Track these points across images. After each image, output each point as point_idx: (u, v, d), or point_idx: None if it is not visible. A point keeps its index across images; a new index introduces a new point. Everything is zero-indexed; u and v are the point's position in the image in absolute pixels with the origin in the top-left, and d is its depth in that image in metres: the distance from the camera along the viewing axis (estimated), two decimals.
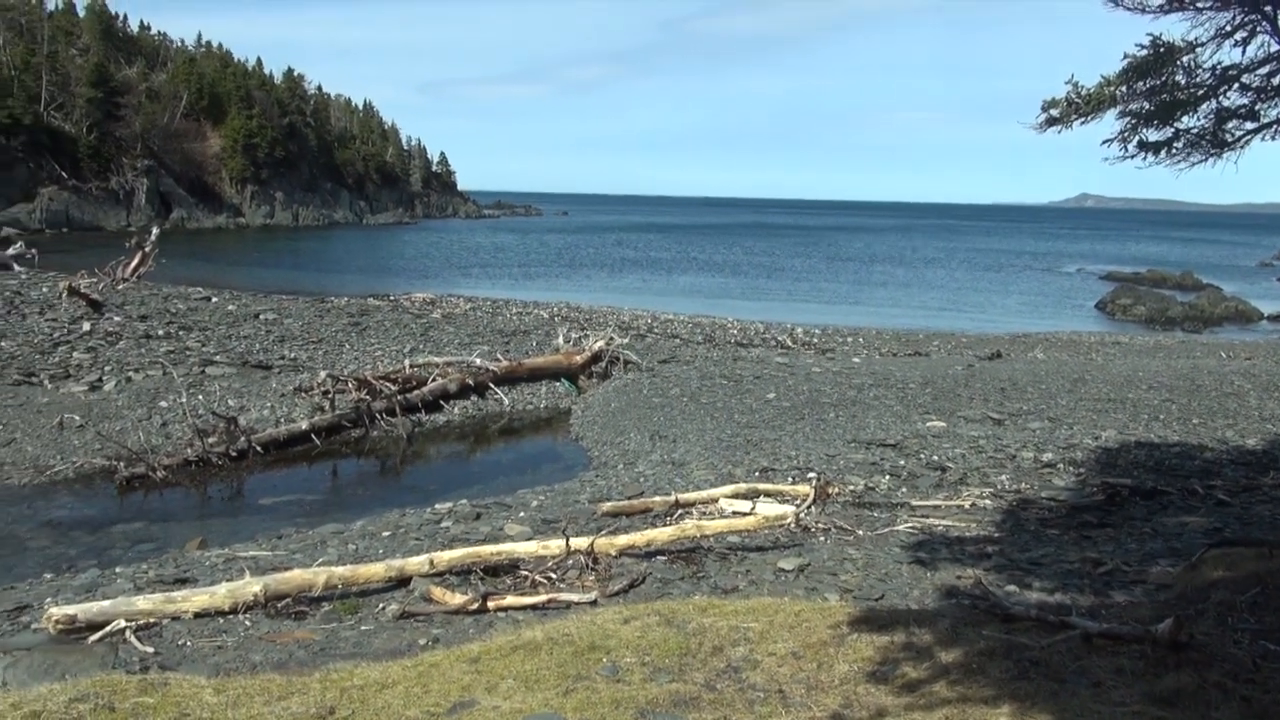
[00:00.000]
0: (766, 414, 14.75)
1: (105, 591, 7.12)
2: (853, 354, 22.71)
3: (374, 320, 21.61)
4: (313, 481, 12.51)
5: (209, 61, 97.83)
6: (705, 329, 27.29)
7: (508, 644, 4.53)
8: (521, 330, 22.08)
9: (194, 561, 8.17)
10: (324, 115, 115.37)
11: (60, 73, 77.12)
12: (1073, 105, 6.55)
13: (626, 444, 13.70)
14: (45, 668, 5.22)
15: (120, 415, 13.30)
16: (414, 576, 7.05)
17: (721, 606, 5.23)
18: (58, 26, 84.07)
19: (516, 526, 8.99)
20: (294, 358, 17.21)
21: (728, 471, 11.12)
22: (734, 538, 8.21)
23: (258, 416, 13.91)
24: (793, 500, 9.36)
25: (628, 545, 7.76)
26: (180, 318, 19.22)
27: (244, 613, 6.35)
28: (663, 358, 19.78)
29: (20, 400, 13.38)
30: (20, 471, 11.57)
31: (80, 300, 19.07)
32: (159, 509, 11.01)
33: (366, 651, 5.52)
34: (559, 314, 28.75)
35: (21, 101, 71.07)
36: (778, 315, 33.34)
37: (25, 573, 8.61)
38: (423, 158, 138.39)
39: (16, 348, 15.77)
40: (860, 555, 7.75)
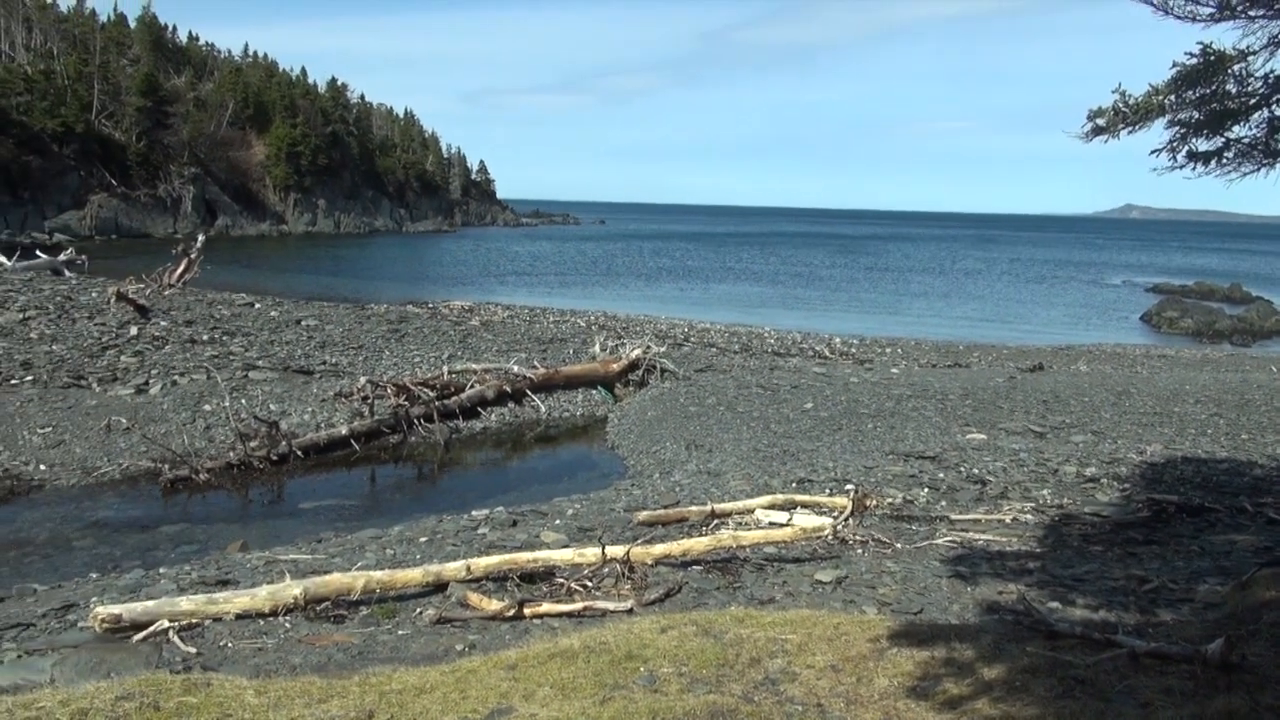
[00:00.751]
0: (804, 424, 14.66)
1: (149, 592, 7.24)
2: (891, 364, 22.51)
3: (413, 327, 21.80)
4: (352, 486, 12.64)
5: (255, 71, 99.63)
6: (742, 338, 27.20)
7: (544, 651, 4.53)
8: (559, 338, 22.15)
9: (235, 563, 8.28)
10: (366, 124, 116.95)
11: (111, 82, 78.93)
12: (1120, 114, 6.44)
13: (662, 453, 13.68)
14: (92, 666, 5.32)
15: (165, 418, 13.53)
16: (451, 582, 7.08)
17: (759, 618, 5.19)
18: (110, 37, 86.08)
19: (552, 534, 9.01)
20: (334, 363, 17.41)
21: (764, 482, 11.06)
22: (771, 549, 8.17)
23: (299, 421, 14.08)
24: (830, 512, 9.28)
25: (664, 554, 7.75)
26: (224, 323, 19.53)
27: (284, 615, 6.42)
28: (699, 366, 19.75)
29: (70, 403, 13.67)
30: (69, 473, 11.81)
31: (128, 305, 19.45)
32: (202, 511, 11.18)
33: (404, 656, 5.55)
34: (596, 322, 28.82)
35: (74, 110, 72.85)
36: (815, 325, 33.16)
37: (72, 572, 8.79)
38: (462, 166, 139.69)
39: (66, 351, 16.12)
40: (898, 568, 7.66)
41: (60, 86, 73.89)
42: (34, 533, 10.03)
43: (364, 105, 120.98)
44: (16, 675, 5.23)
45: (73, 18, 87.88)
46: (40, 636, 6.21)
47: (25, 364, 15.10)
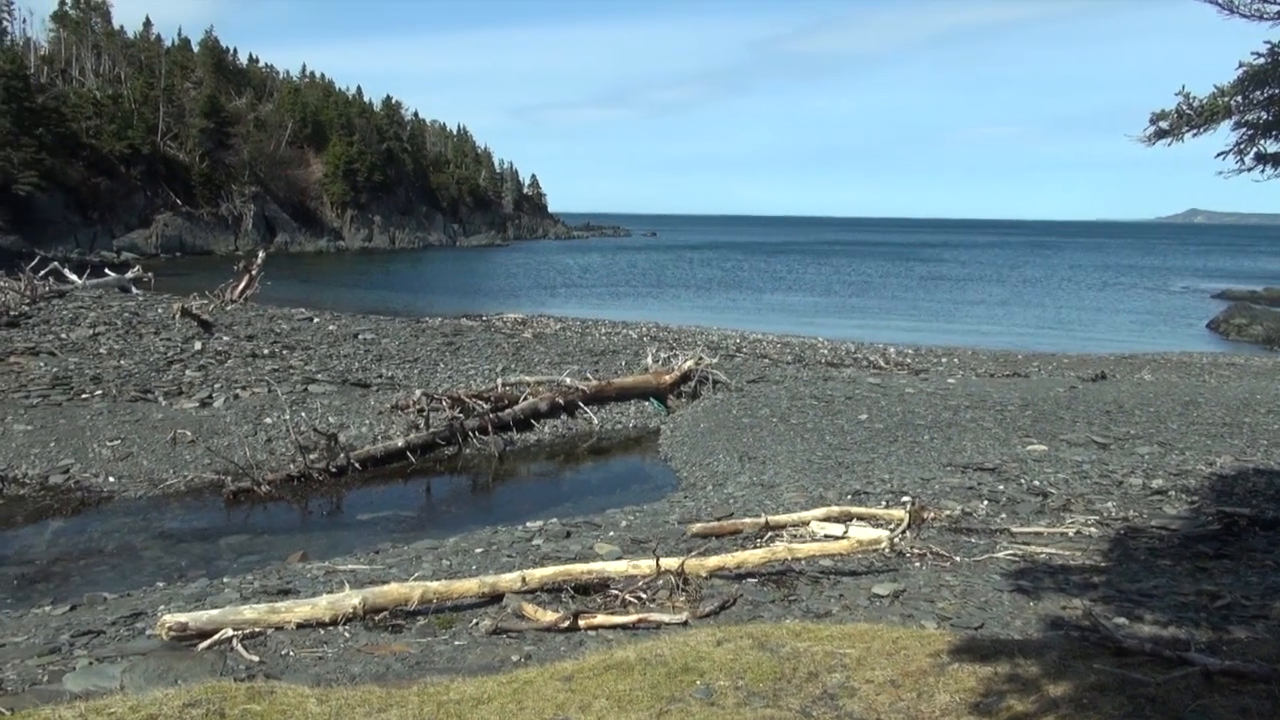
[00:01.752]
0: (858, 435, 14.50)
1: (213, 601, 7.40)
2: (948, 374, 22.17)
3: (467, 340, 22.05)
4: (408, 498, 12.80)
5: (312, 91, 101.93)
6: (795, 349, 27.02)
7: (600, 663, 4.53)
8: (611, 350, 22.22)
9: (296, 573, 8.43)
10: (420, 141, 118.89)
11: (176, 105, 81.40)
12: (1184, 117, 6.28)
13: (715, 465, 13.63)
14: (159, 673, 5.44)
15: (228, 431, 13.85)
16: (506, 593, 7.12)
17: (816, 631, 5.13)
18: (174, 61, 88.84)
19: (606, 546, 9.01)
20: (391, 376, 17.67)
21: (819, 494, 10.96)
22: (826, 561, 8.07)
23: (356, 433, 14.31)
24: (887, 524, 9.15)
25: (718, 567, 7.70)
26: (284, 337, 19.95)
27: (343, 624, 6.51)
28: (752, 377, 19.66)
29: (137, 416, 14.06)
30: (136, 484, 12.14)
31: (192, 321, 19.98)
32: (263, 522, 11.40)
33: (461, 666, 5.59)
34: (647, 333, 28.87)
35: (140, 132, 75.21)
36: (869, 335, 32.81)
37: (140, 581, 9.03)
38: (514, 181, 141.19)
39: (134, 366, 16.60)
40: (958, 582, 7.52)
41: (127, 110, 76.37)
42: (104, 543, 10.32)
43: (418, 122, 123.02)
44: (88, 681, 5.38)
45: (139, 43, 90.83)
46: (110, 644, 6.37)
47: (95, 378, 15.58)
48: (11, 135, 60.96)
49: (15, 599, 8.60)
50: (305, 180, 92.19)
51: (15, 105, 61.78)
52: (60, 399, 14.46)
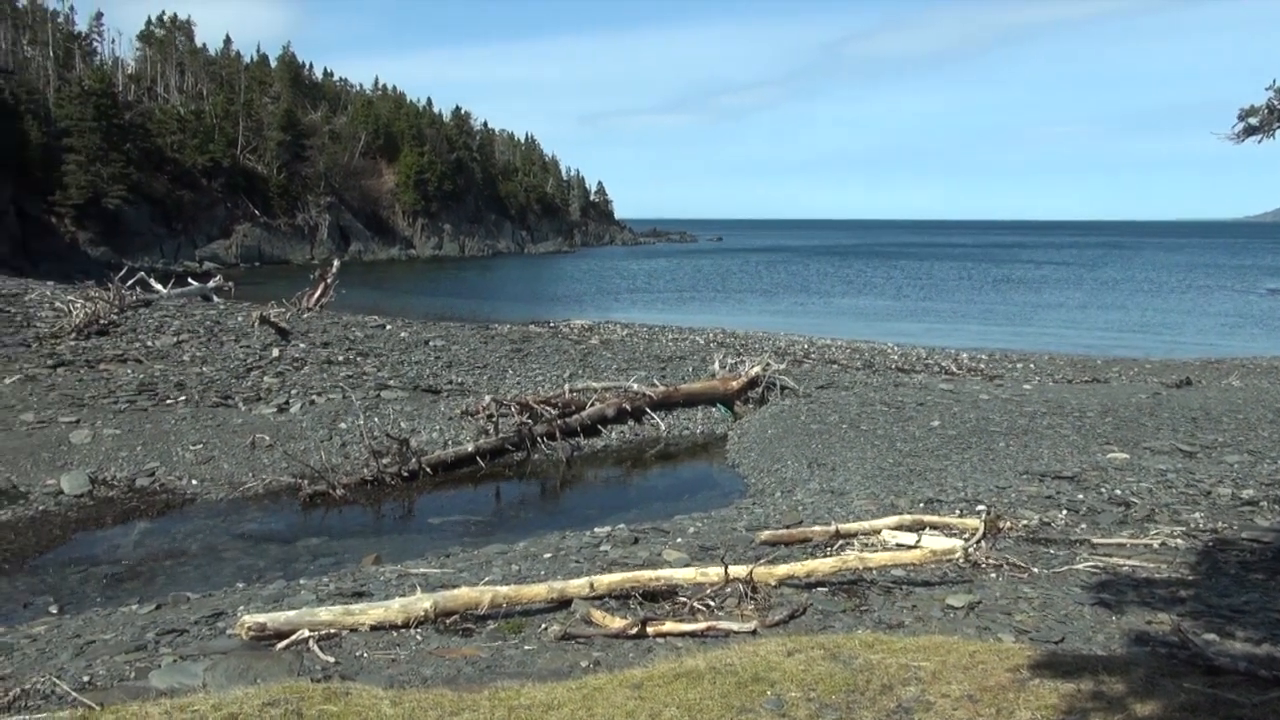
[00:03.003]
0: (931, 443, 14.22)
1: (290, 602, 7.57)
2: (1023, 380, 21.62)
3: (535, 346, 22.25)
4: (478, 502, 12.94)
5: (384, 103, 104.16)
6: (864, 354, 26.65)
7: (670, 671, 4.50)
8: (677, 356, 22.20)
9: (370, 576, 8.58)
10: (489, 149, 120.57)
11: (254, 119, 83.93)
12: (1275, 112, 6.03)
13: (784, 471, 13.50)
14: (239, 671, 5.58)
15: (304, 436, 14.18)
16: (574, 599, 7.13)
17: (889, 643, 5.03)
18: (253, 77, 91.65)
19: (674, 552, 8.99)
20: (461, 382, 17.92)
21: (890, 502, 10.77)
22: (898, 571, 7.92)
23: (427, 439, 14.53)
24: (960, 534, 8.95)
25: (787, 575, 7.61)
26: (358, 344, 20.39)
27: (415, 627, 6.59)
28: (820, 383, 19.44)
29: (218, 421, 14.50)
30: (217, 487, 12.50)
31: (270, 328, 20.55)
32: (338, 525, 11.64)
33: (530, 671, 5.61)
34: (714, 339, 28.77)
35: (221, 146, 77.75)
36: (940, 339, 32.21)
37: (221, 581, 9.29)
38: (581, 188, 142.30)
39: (215, 373, 17.12)
40: (1036, 594, 7.31)
41: (209, 125, 79.02)
42: (187, 544, 10.65)
43: (486, 132, 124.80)
44: (173, 679, 5.54)
45: (220, 60, 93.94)
46: (193, 642, 6.56)
47: (179, 385, 16.12)
48: (101, 151, 63.54)
49: (105, 597, 8.93)
50: (378, 190, 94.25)
51: (105, 122, 64.39)
52: (146, 404, 14.98)
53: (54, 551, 10.35)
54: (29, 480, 12.07)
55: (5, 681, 5.93)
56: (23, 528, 10.94)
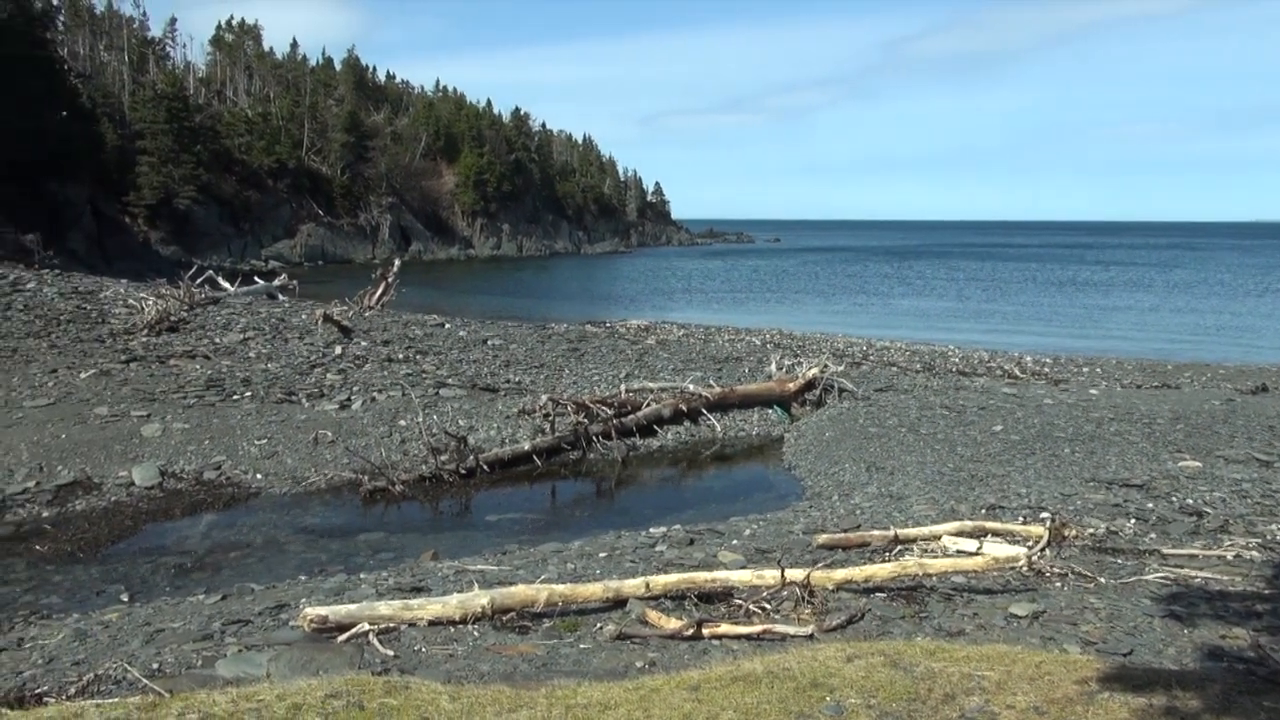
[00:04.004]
0: (993, 447, 13.94)
1: (351, 595, 7.69)
2: (1089, 385, 21.09)
3: (591, 346, 22.33)
4: (534, 500, 13.03)
5: (445, 104, 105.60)
6: (924, 356, 26.24)
7: (727, 674, 4.47)
8: (734, 357, 22.10)
9: (428, 572, 8.67)
10: (547, 150, 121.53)
11: (319, 121, 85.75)
12: None
13: (841, 474, 13.35)
14: (302, 663, 5.69)
15: (365, 432, 14.42)
16: (630, 598, 7.13)
17: (951, 651, 4.92)
18: (318, 80, 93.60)
19: (730, 554, 8.93)
20: (518, 381, 18.06)
21: (950, 507, 10.58)
22: (959, 578, 7.77)
23: (485, 436, 14.67)
24: (1024, 541, 8.75)
25: (845, 579, 7.51)
26: (418, 343, 20.67)
27: (472, 623, 6.64)
28: (879, 386, 19.19)
29: (282, 417, 14.81)
30: (281, 481, 12.77)
31: (333, 326, 20.93)
32: (397, 520, 11.81)
33: (586, 670, 5.62)
34: (771, 340, 28.58)
35: (287, 147, 79.55)
36: (1003, 342, 31.59)
37: (284, 574, 9.48)
38: (638, 188, 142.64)
39: (280, 369, 17.50)
40: (1103, 605, 7.11)
41: (276, 127, 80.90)
42: (251, 536, 10.90)
43: (545, 133, 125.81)
44: (238, 668, 5.67)
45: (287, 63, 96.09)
46: (257, 633, 6.70)
47: (245, 381, 16.50)
48: (173, 153, 65.47)
49: (173, 587, 9.18)
50: (438, 190, 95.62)
51: (176, 125, 66.32)
52: (214, 400, 15.37)
53: (125, 541, 10.67)
54: (102, 472, 12.45)
55: (80, 666, 6.13)
56: (96, 517, 11.30)
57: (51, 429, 13.51)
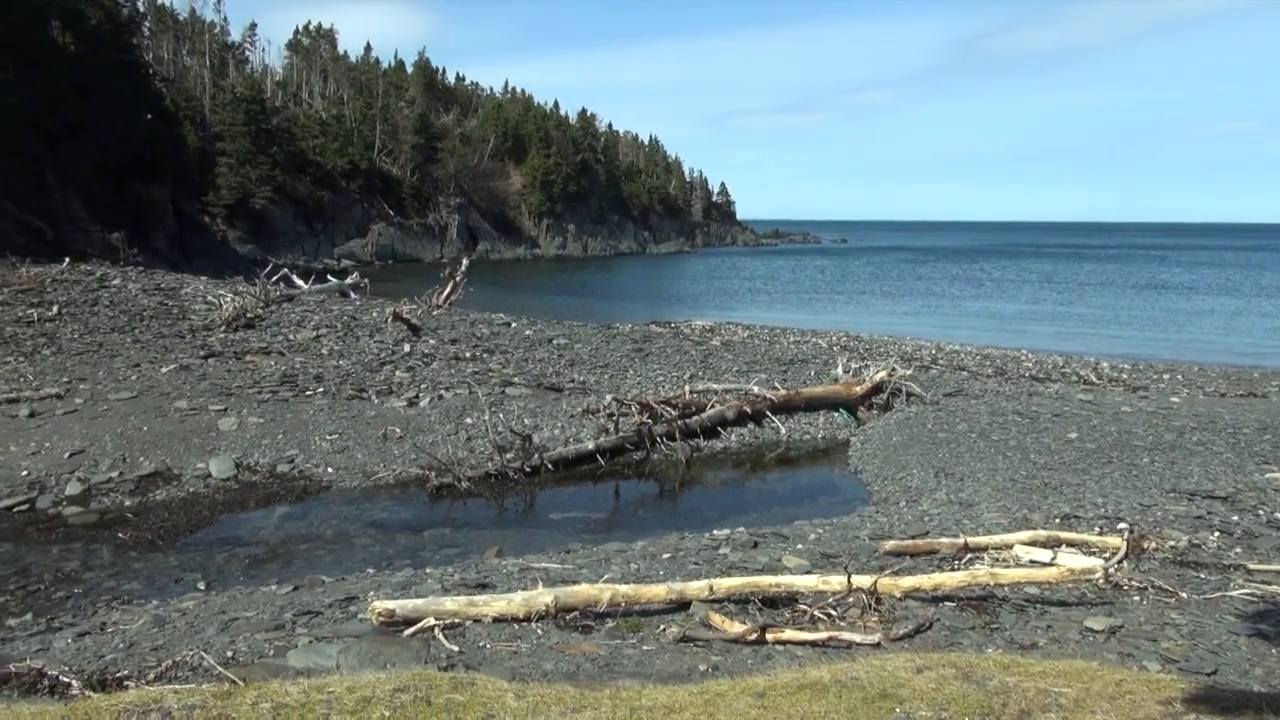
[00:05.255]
0: (1067, 455, 13.56)
1: (418, 590, 7.80)
2: (1170, 392, 20.39)
3: (656, 346, 22.33)
4: (597, 500, 13.06)
5: (513, 106, 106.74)
6: (995, 361, 25.66)
7: (793, 681, 4.41)
8: (799, 359, 21.89)
9: (492, 568, 8.75)
10: (613, 151, 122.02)
11: (390, 123, 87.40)
12: None
13: (909, 480, 13.11)
14: (370, 656, 5.78)
15: (432, 429, 14.63)
16: (693, 601, 7.10)
17: (1026, 666, 4.78)
18: (390, 82, 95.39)
19: (794, 559, 8.83)
20: (582, 381, 18.14)
21: (1023, 516, 10.31)
22: (1032, 589, 7.56)
23: (549, 435, 14.77)
24: (1100, 553, 8.49)
25: (913, 588, 7.37)
26: (484, 341, 20.90)
27: (536, 621, 6.68)
28: (948, 390, 18.81)
29: (353, 413, 15.10)
30: (351, 476, 13.03)
31: (402, 325, 21.29)
32: (463, 517, 11.95)
33: (649, 672, 5.60)
34: (837, 343, 28.25)
35: (359, 149, 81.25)
36: (1079, 346, 30.74)
37: (353, 567, 9.66)
38: (704, 189, 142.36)
39: (351, 366, 17.86)
40: (1185, 621, 6.85)
41: (349, 129, 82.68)
42: (322, 529, 11.13)
43: (611, 134, 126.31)
44: (309, 659, 5.79)
45: (360, 66, 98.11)
46: (326, 625, 6.83)
47: (318, 377, 16.88)
48: (250, 154, 67.40)
49: (247, 577, 9.42)
50: (505, 191, 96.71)
51: (254, 127, 68.26)
52: (287, 395, 15.74)
53: (202, 531, 10.99)
54: (181, 463, 12.85)
55: (158, 652, 6.32)
56: (175, 507, 11.66)
57: (134, 421, 13.98)
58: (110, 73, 50.43)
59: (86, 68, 48.49)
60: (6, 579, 9.28)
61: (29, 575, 9.39)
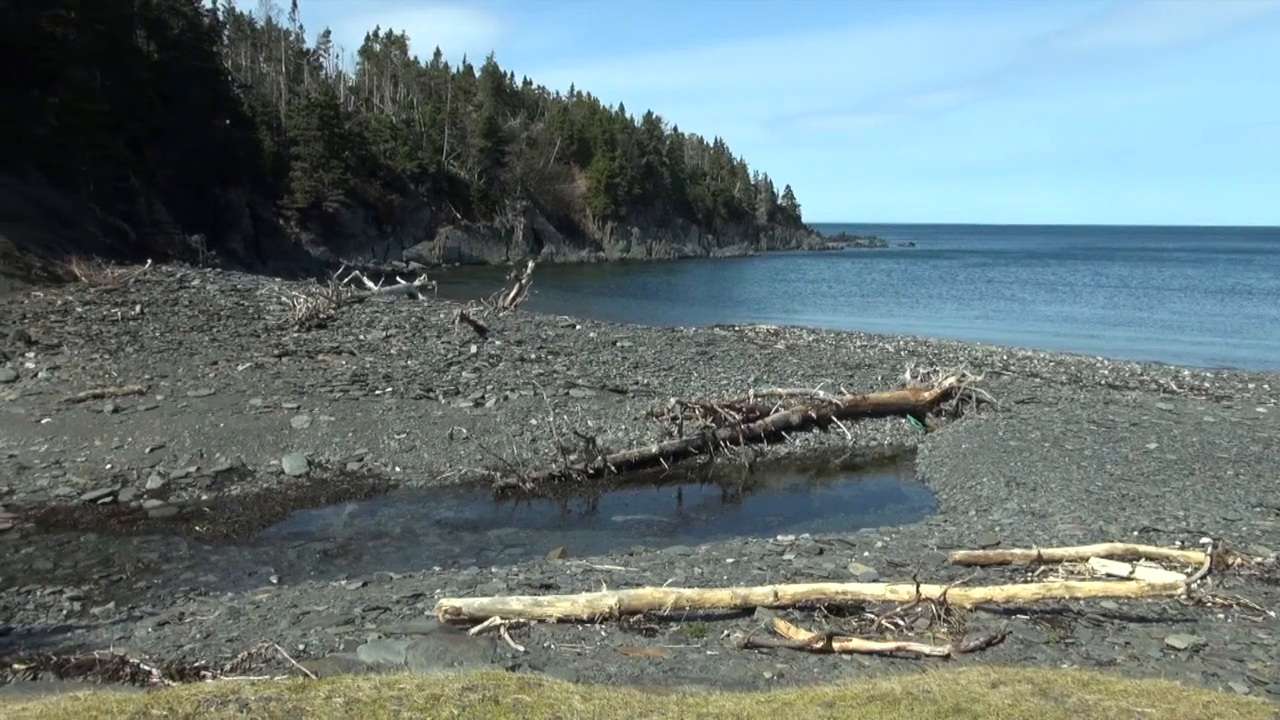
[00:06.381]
0: (1146, 466, 13.13)
1: (483, 589, 7.88)
2: (1256, 402, 19.60)
3: (720, 350, 22.23)
4: (660, 503, 13.04)
5: (579, 109, 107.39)
6: (1070, 368, 24.99)
7: (863, 692, 4.33)
8: (865, 364, 21.59)
9: (556, 569, 8.80)
10: (678, 154, 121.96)
11: (459, 127, 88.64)
12: None
13: (979, 489, 12.83)
14: (438, 653, 5.85)
15: (498, 430, 14.77)
16: (758, 607, 7.04)
17: (1107, 684, 4.62)
18: (459, 86, 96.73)
19: (861, 566, 8.71)
20: (646, 383, 18.14)
21: (1099, 528, 10.01)
22: (1109, 603, 7.33)
23: (613, 438, 14.80)
24: (1182, 568, 8.21)
25: (984, 599, 7.21)
26: (549, 343, 21.05)
27: (599, 623, 6.69)
28: (1020, 397, 18.37)
29: (420, 413, 15.33)
30: (418, 475, 13.22)
31: (469, 326, 21.55)
32: (526, 517, 12.04)
33: (714, 677, 5.57)
34: (905, 348, 27.81)
35: (428, 153, 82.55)
36: (1157, 353, 29.78)
37: (419, 564, 9.80)
38: (769, 192, 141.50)
39: (419, 366, 18.13)
40: (1273, 641, 6.58)
41: (418, 133, 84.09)
42: (390, 526, 11.32)
43: (676, 136, 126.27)
44: (378, 655, 5.88)
45: (430, 71, 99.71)
46: (394, 621, 6.94)
47: (386, 377, 17.17)
48: (323, 159, 68.97)
49: (317, 571, 9.62)
50: (570, 194, 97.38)
51: (327, 132, 69.84)
52: (357, 394, 16.05)
53: (275, 526, 11.26)
54: (256, 459, 13.18)
55: (234, 643, 6.49)
56: (250, 502, 11.97)
57: (211, 418, 14.40)
58: (191, 79, 52.13)
59: (169, 75, 50.21)
60: (91, 568, 9.62)
61: (111, 565, 9.73)
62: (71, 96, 36.85)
